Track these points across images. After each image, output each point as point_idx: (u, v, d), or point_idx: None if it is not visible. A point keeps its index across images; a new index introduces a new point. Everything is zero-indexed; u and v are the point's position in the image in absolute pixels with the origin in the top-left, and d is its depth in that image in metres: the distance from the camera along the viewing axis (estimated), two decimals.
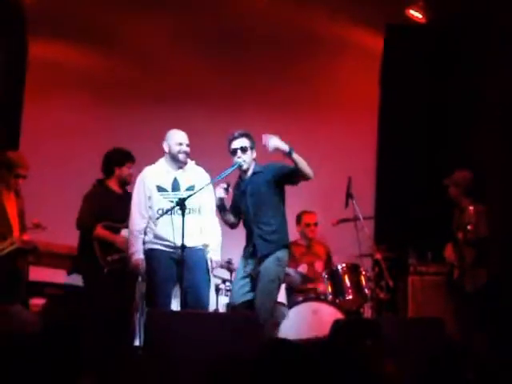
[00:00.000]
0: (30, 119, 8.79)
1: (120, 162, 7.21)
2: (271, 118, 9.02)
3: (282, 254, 6.36)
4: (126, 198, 6.87)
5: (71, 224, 8.28)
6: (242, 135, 6.46)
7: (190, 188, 6.45)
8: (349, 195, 7.33)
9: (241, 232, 7.82)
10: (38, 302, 6.47)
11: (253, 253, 6.41)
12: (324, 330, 4.34)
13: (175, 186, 6.46)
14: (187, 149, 6.48)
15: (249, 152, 6.42)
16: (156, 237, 6.38)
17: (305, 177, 6.26)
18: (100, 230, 6.93)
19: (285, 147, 6.15)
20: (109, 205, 7.02)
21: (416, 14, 8.55)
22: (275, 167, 6.37)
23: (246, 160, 6.40)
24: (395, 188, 9.02)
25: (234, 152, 6.41)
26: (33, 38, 8.73)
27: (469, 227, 7.06)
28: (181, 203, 6.09)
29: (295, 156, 6.14)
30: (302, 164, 6.17)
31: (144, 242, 6.43)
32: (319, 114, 9.27)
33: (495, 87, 8.16)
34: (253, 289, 6.37)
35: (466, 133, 8.58)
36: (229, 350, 4.98)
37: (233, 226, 6.66)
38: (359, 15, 8.92)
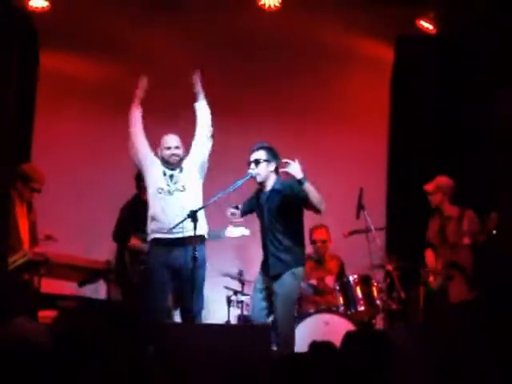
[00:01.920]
0: (41, 130, 8.82)
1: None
2: (281, 128, 9.01)
3: (297, 270, 6.41)
4: None
5: (83, 235, 8.34)
6: (259, 148, 6.52)
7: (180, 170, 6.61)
8: (360, 206, 7.32)
9: (252, 244, 7.83)
10: (49, 314, 6.46)
11: (267, 269, 6.43)
12: (335, 341, 4.33)
13: (170, 179, 6.59)
14: (175, 151, 6.60)
15: (263, 164, 6.43)
16: (153, 218, 6.49)
17: (314, 208, 6.35)
18: (133, 241, 7.09)
19: (298, 174, 6.20)
20: (141, 215, 7.13)
21: (426, 25, 8.53)
22: (293, 189, 6.36)
23: (260, 173, 6.43)
24: (406, 199, 8.99)
25: (249, 164, 6.46)
26: (44, 50, 8.76)
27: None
28: (192, 215, 6.12)
29: (306, 186, 6.21)
30: (313, 195, 6.26)
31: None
32: (330, 125, 9.26)
33: (508, 98, 8.12)
34: (270, 303, 6.41)
35: (478, 143, 8.54)
36: (241, 362, 4.97)
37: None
38: (369, 26, 8.90)
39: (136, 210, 7.32)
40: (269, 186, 6.48)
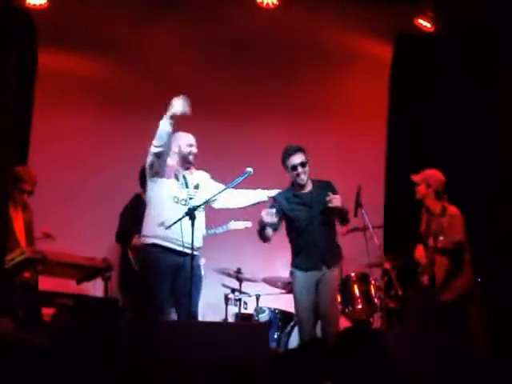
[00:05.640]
0: (39, 128, 8.80)
1: None
2: (281, 127, 9.02)
3: (341, 265, 6.69)
4: None
5: (81, 233, 8.34)
6: (298, 150, 6.63)
7: (196, 186, 6.60)
8: (358, 204, 7.32)
9: (250, 242, 7.81)
10: (47, 311, 6.47)
11: (318, 264, 6.53)
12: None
13: (185, 183, 6.53)
14: (196, 150, 6.62)
15: (307, 166, 6.60)
16: (160, 231, 6.42)
17: (342, 220, 6.71)
18: (136, 240, 7.13)
19: (343, 206, 6.49)
20: (143, 216, 7.16)
21: (425, 24, 8.54)
22: (332, 189, 6.64)
23: (306, 173, 6.60)
24: (404, 197, 8.99)
25: (294, 168, 6.57)
26: (42, 48, 8.75)
27: (441, 238, 6.99)
28: (190, 212, 6.12)
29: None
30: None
31: (144, 235, 6.52)
32: (329, 124, 9.27)
33: (508, 95, 8.11)
34: (316, 298, 6.50)
35: (477, 141, 8.53)
36: (239, 360, 4.98)
37: (267, 240, 6.67)
38: (368, 24, 8.91)
39: (137, 212, 7.34)
40: (308, 185, 6.65)
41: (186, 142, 6.64)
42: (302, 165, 6.56)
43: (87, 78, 9.08)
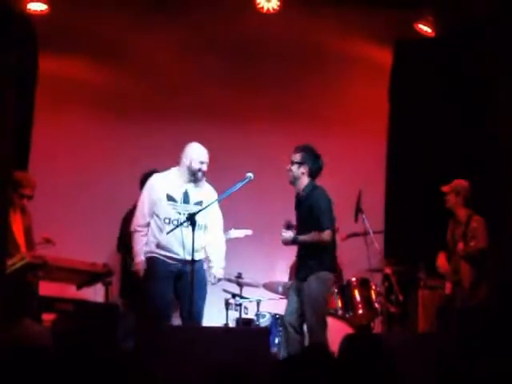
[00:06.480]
0: (40, 134, 8.79)
1: None
2: (281, 132, 9.01)
3: (322, 274, 6.39)
4: None
5: (82, 239, 8.33)
6: (296, 151, 6.59)
7: (199, 203, 6.56)
8: (358, 209, 7.32)
9: (250, 247, 7.81)
10: (47, 317, 6.47)
11: (297, 272, 6.60)
12: (334, 345, 4.33)
13: (185, 199, 6.55)
14: (206, 168, 6.58)
15: (294, 166, 6.51)
16: (159, 246, 6.46)
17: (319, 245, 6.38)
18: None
19: (289, 240, 6.37)
20: None
21: (425, 29, 8.54)
22: (316, 207, 6.42)
23: (291, 173, 6.51)
24: (405, 202, 8.99)
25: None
26: (43, 53, 8.75)
27: (472, 243, 7.04)
28: (191, 218, 6.13)
29: (300, 241, 6.39)
30: (312, 241, 6.35)
31: (145, 252, 6.57)
32: (329, 129, 9.25)
33: (508, 100, 8.11)
34: (302, 305, 6.44)
35: (478, 145, 8.52)
36: (239, 365, 4.98)
37: None
38: (368, 29, 8.92)
39: None
40: (300, 190, 6.55)
41: (197, 157, 6.56)
42: (291, 163, 6.52)
43: (88, 83, 9.08)
